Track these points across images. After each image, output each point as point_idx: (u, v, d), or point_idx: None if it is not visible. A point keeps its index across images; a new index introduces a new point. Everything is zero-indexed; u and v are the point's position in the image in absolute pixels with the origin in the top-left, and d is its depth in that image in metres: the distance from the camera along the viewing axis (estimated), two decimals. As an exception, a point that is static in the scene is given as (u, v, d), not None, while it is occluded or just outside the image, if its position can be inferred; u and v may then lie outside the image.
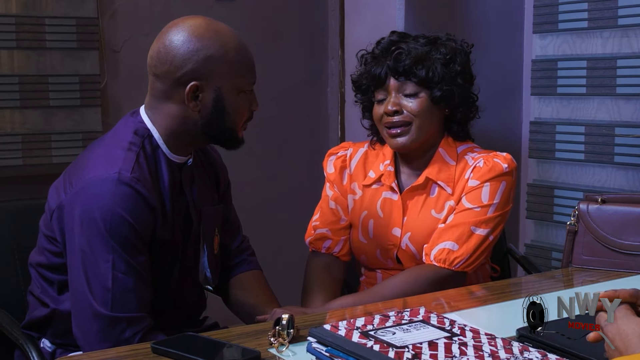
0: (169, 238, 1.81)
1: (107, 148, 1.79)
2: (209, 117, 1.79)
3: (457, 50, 2.16)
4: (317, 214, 2.29)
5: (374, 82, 2.16)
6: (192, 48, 1.75)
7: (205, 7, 3.32)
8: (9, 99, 2.89)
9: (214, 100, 1.78)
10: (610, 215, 2.17)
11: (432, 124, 2.14)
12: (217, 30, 1.79)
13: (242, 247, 2.15)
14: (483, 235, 2.08)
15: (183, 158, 1.86)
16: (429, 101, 2.11)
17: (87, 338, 1.71)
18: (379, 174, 2.22)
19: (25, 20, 2.91)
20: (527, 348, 1.41)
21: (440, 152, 2.17)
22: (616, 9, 2.99)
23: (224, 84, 1.78)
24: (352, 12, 3.23)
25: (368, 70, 2.17)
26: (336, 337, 1.41)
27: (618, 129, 3.01)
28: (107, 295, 1.69)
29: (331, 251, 2.24)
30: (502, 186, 2.11)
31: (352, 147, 2.31)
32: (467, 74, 2.17)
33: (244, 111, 1.84)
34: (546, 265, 3.21)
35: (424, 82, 2.10)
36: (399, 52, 2.12)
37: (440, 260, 2.06)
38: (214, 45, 1.76)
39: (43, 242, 1.86)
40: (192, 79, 1.76)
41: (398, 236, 2.17)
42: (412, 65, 2.10)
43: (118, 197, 1.69)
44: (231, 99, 1.80)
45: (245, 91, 1.82)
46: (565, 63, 3.19)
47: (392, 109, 2.11)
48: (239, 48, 1.80)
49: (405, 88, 2.12)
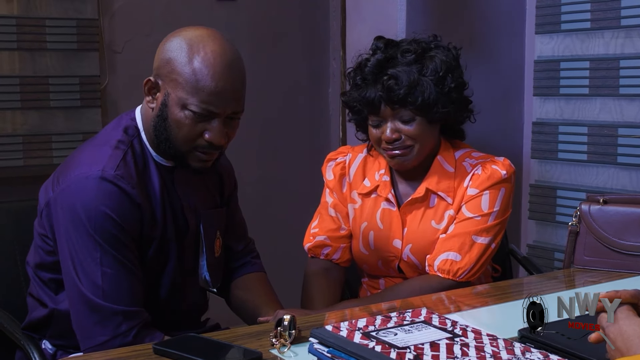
0: (158, 237, 1.81)
1: (96, 146, 1.81)
2: (156, 120, 1.78)
3: (446, 63, 2.08)
4: (316, 220, 2.27)
5: (368, 108, 2.09)
6: (167, 47, 1.76)
7: (206, 7, 3.32)
8: (9, 100, 2.90)
9: (161, 103, 1.76)
10: (612, 216, 2.16)
11: (432, 140, 2.12)
12: (205, 44, 1.73)
13: (247, 249, 2.14)
14: (485, 244, 2.07)
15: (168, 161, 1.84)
16: (426, 123, 2.07)
17: (85, 332, 1.73)
18: (375, 184, 2.19)
19: (25, 22, 2.91)
20: (529, 349, 1.41)
21: (439, 159, 2.14)
22: (619, 10, 2.99)
23: (172, 92, 1.73)
24: (353, 13, 3.22)
25: (360, 94, 2.10)
26: (338, 338, 1.41)
27: (621, 130, 3.01)
28: (98, 291, 1.70)
29: (330, 257, 2.23)
30: (501, 193, 2.10)
31: (351, 153, 2.28)
32: (459, 84, 2.12)
33: (189, 132, 1.74)
34: (548, 266, 3.20)
35: (420, 108, 2.05)
36: (390, 82, 2.04)
37: (444, 271, 2.05)
38: (184, 52, 1.73)
39: (37, 241, 1.87)
40: (154, 75, 1.77)
41: (399, 248, 2.15)
42: (406, 94, 2.03)
43: (101, 194, 1.70)
44: (175, 110, 1.73)
45: (191, 110, 1.72)
46: (567, 64, 3.19)
47: (391, 136, 2.06)
48: (209, 66, 1.71)
49: (401, 114, 2.06)
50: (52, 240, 1.81)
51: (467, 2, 3.18)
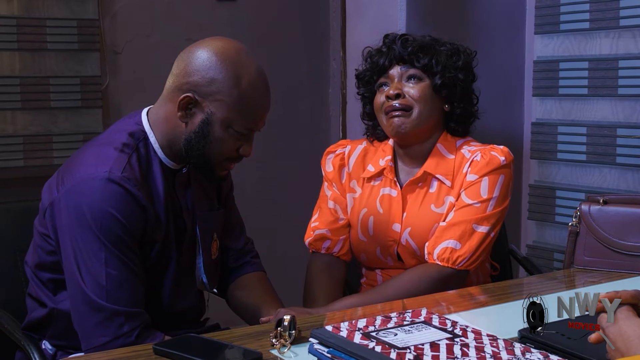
0: (161, 239, 1.81)
1: (101, 148, 1.80)
2: (192, 136, 1.79)
3: (460, 49, 2.22)
4: (315, 214, 2.29)
5: (377, 70, 2.20)
6: (207, 65, 1.76)
7: (207, 8, 3.32)
8: (10, 101, 2.90)
9: (201, 121, 1.77)
10: (612, 216, 2.17)
11: (433, 113, 2.16)
12: (241, 62, 1.77)
13: (245, 249, 2.14)
14: (485, 232, 2.08)
15: (178, 165, 1.86)
16: (430, 88, 2.15)
17: (87, 333, 1.72)
18: (380, 168, 2.22)
19: (26, 22, 2.91)
20: (529, 349, 1.41)
21: (439, 147, 2.18)
22: (618, 10, 2.99)
23: (217, 112, 1.76)
24: (354, 14, 3.22)
25: (373, 61, 2.22)
26: (338, 338, 1.41)
27: (620, 130, 3.01)
28: (102, 292, 1.70)
29: (331, 251, 2.24)
30: (500, 179, 2.11)
31: (350, 145, 2.32)
32: (469, 71, 2.22)
33: (228, 148, 1.81)
34: (547, 266, 3.21)
35: (427, 68, 2.15)
36: (405, 39, 2.18)
37: (443, 259, 2.06)
38: (227, 72, 1.75)
39: (37, 240, 1.87)
40: (191, 91, 1.76)
41: (398, 232, 2.17)
42: (417, 51, 2.16)
43: (108, 195, 1.71)
44: (219, 130, 1.78)
45: (235, 130, 1.79)
46: (567, 64, 3.19)
47: (393, 92, 2.14)
48: (255, 88, 1.78)
49: (408, 74, 2.16)
50: (54, 240, 1.80)
51: (467, 2, 3.18)
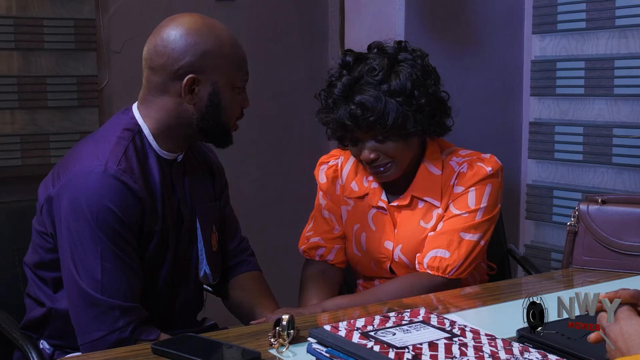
0: (159, 231, 1.81)
1: (96, 142, 1.81)
2: (204, 111, 1.81)
3: (412, 77, 2.03)
4: (310, 224, 2.27)
5: (342, 130, 2.07)
6: (190, 42, 1.78)
7: (206, 7, 3.31)
8: (7, 100, 2.90)
9: (210, 94, 1.80)
10: (610, 216, 2.17)
11: (411, 152, 2.10)
12: (212, 26, 1.83)
13: (240, 247, 2.14)
14: (474, 240, 2.06)
15: (173, 155, 1.86)
16: (401, 140, 2.04)
17: (82, 327, 1.73)
18: (364, 190, 2.19)
19: (23, 22, 2.90)
20: (527, 349, 1.41)
21: (425, 165, 2.13)
22: (614, 10, 3.00)
23: (220, 78, 1.81)
24: (352, 13, 3.23)
25: (332, 117, 2.07)
26: (336, 338, 1.41)
27: (616, 130, 3.01)
28: (97, 286, 1.70)
29: (325, 258, 2.22)
30: (487, 189, 2.09)
31: (343, 156, 2.27)
32: (430, 96, 2.06)
33: (237, 107, 1.87)
34: (545, 266, 3.21)
35: (391, 129, 2.01)
36: (357, 111, 1.99)
37: (433, 267, 2.05)
38: (210, 40, 1.79)
39: (36, 239, 1.87)
40: (189, 72, 1.78)
41: (390, 249, 2.15)
42: (374, 120, 1.99)
43: (104, 188, 1.71)
44: (226, 93, 1.82)
45: (238, 87, 1.84)
46: (564, 64, 3.19)
47: (369, 157, 2.04)
48: (233, 44, 1.84)
49: (375, 135, 2.03)
50: (52, 236, 1.80)
51: (465, 2, 3.19)
